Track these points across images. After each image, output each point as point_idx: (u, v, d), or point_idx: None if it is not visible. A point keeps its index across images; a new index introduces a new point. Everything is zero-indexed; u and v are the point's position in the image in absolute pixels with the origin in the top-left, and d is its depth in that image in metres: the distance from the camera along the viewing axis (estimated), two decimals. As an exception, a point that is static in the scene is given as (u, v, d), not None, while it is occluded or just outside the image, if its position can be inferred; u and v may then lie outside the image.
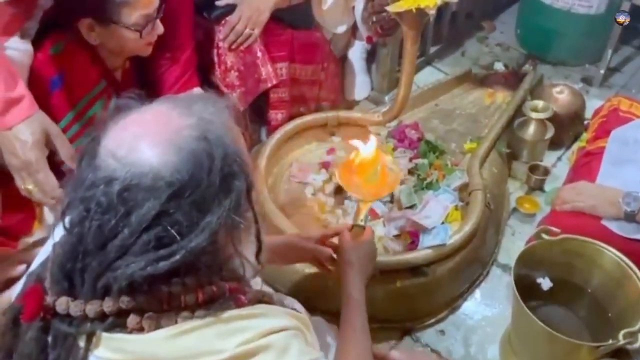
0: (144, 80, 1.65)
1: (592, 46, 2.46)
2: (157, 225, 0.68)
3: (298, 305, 1.21)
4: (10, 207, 1.42)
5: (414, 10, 1.54)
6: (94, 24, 1.38)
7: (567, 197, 1.52)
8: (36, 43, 1.38)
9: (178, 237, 0.68)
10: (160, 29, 1.46)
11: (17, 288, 0.86)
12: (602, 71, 2.37)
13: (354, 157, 1.30)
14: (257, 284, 1.17)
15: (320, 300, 1.49)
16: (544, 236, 1.39)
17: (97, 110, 1.43)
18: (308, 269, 1.50)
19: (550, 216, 1.57)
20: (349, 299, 1.14)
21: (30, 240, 1.48)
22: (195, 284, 0.72)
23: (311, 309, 1.23)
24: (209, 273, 0.73)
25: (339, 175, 1.34)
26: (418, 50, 1.83)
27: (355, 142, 1.32)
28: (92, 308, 0.69)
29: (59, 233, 0.77)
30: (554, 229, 1.39)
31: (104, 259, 0.68)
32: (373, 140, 1.31)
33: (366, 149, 1.30)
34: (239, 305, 0.75)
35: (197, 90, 1.70)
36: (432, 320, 1.57)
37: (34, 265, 0.84)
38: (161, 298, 0.70)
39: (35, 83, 1.35)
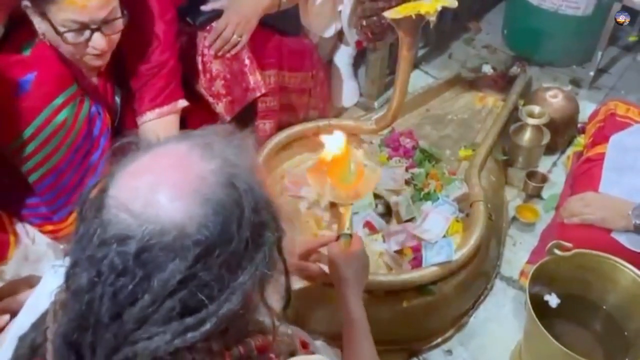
0: (123, 87, 1.54)
1: (580, 47, 2.43)
2: (182, 289, 0.59)
3: (302, 333, 1.14)
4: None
5: (413, 17, 1.47)
6: (29, 6, 1.24)
7: (576, 210, 1.47)
8: (2, 42, 1.27)
9: (207, 302, 0.59)
10: (99, 44, 1.29)
11: (4, 349, 0.76)
12: (591, 73, 2.35)
13: (323, 156, 1.16)
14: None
15: (318, 320, 1.42)
16: (556, 251, 1.34)
17: (67, 114, 1.31)
18: (299, 285, 1.38)
19: (558, 228, 1.53)
20: (351, 322, 1.07)
21: (5, 269, 1.37)
22: (222, 347, 0.63)
23: (308, 330, 1.16)
24: (237, 333, 0.65)
25: (310, 180, 1.19)
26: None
27: (323, 138, 1.17)
28: None
29: (50, 284, 0.67)
30: (566, 243, 1.34)
31: (120, 331, 0.59)
32: (339, 134, 1.16)
33: (333, 144, 1.14)
34: None
35: (182, 102, 1.60)
36: (439, 340, 1.52)
37: (23, 324, 0.73)
38: None
39: (1, 86, 1.23)
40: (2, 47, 1.27)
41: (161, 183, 0.61)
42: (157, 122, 1.55)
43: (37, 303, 0.81)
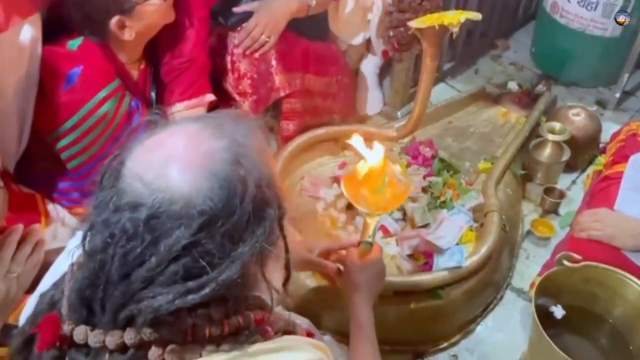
0: (159, 83, 1.62)
1: (607, 69, 2.43)
2: (186, 255, 0.63)
3: (310, 325, 1.17)
4: (14, 206, 1.37)
5: (436, 27, 1.51)
6: (123, 19, 1.37)
7: (585, 224, 1.48)
8: (51, 39, 1.35)
9: (208, 269, 0.63)
10: None
11: (28, 306, 0.81)
12: (617, 94, 2.35)
13: (359, 167, 1.20)
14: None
15: (329, 318, 1.45)
16: (565, 262, 1.35)
17: (109, 107, 1.39)
18: (314, 283, 1.46)
19: (569, 241, 1.53)
20: (358, 327, 1.09)
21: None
22: (222, 315, 0.67)
23: (319, 327, 1.20)
24: (236, 303, 0.69)
25: (343, 186, 1.22)
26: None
27: (361, 148, 1.21)
28: (112, 339, 0.64)
29: (73, 250, 0.72)
30: (576, 255, 1.35)
31: (127, 289, 0.63)
32: (380, 147, 1.20)
33: (373, 157, 1.19)
34: (266, 337, 0.70)
35: (209, 96, 1.67)
36: (445, 344, 1.53)
37: (46, 284, 0.79)
38: (185, 330, 0.65)
39: (49, 77, 1.33)
40: (47, 43, 1.35)
41: (173, 157, 0.65)
42: (185, 113, 1.62)
43: (59, 265, 0.87)
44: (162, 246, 0.62)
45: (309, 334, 1.14)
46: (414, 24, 1.55)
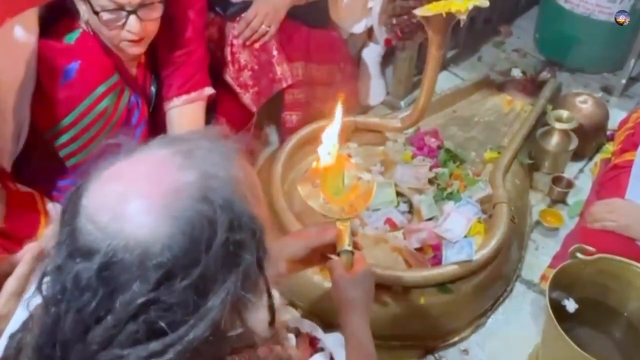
0: (159, 77, 1.57)
1: (612, 55, 2.39)
2: (145, 312, 0.56)
3: (314, 328, 1.13)
4: (14, 207, 1.34)
5: (443, 15, 1.47)
6: None
7: (600, 215, 1.46)
8: (45, 30, 1.31)
9: (170, 330, 0.56)
10: (134, 28, 1.29)
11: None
12: (623, 80, 2.31)
13: (315, 166, 1.05)
14: (275, 299, 1.09)
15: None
16: (579, 255, 1.33)
17: (108, 103, 1.35)
18: (323, 281, 1.43)
19: (581, 233, 1.51)
20: (358, 346, 0.97)
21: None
22: None
23: (330, 325, 1.17)
24: (213, 355, 0.61)
25: (301, 192, 1.06)
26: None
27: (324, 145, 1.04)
28: None
29: (29, 298, 0.65)
30: (589, 248, 1.33)
31: (85, 351, 0.57)
32: (331, 141, 1.04)
33: (324, 153, 1.03)
34: None
35: (209, 90, 1.63)
36: (456, 339, 1.50)
37: (18, 319, 0.72)
38: None
39: (46, 72, 1.28)
40: (44, 35, 1.30)
41: (131, 194, 0.58)
42: (184, 108, 1.57)
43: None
44: (117, 302, 0.56)
45: (312, 341, 1.11)
46: (419, 11, 1.51)
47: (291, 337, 1.00)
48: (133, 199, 0.58)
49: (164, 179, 0.59)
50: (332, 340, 1.10)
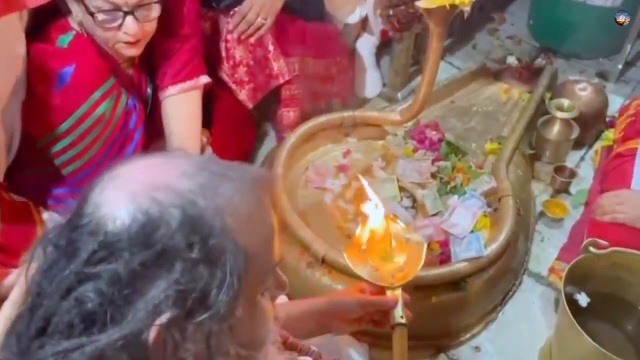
0: (154, 77, 1.52)
1: (608, 40, 2.38)
2: (76, 289, 0.53)
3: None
4: (7, 217, 1.28)
5: (447, 7, 1.43)
6: None
7: (608, 207, 1.44)
8: (38, 34, 1.25)
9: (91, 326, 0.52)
10: (131, 29, 1.25)
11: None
12: (619, 66, 2.30)
13: (359, 235, 0.98)
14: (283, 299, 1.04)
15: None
16: (591, 249, 1.31)
17: (105, 108, 1.30)
18: (330, 282, 1.40)
19: (590, 225, 1.49)
20: None
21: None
22: None
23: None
24: None
25: (348, 260, 0.97)
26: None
27: (370, 192, 1.00)
28: None
29: None
30: (602, 241, 1.31)
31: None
32: (378, 205, 0.97)
33: (373, 218, 0.96)
34: None
35: (204, 78, 1.58)
36: (467, 336, 1.48)
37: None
38: None
39: (39, 78, 1.22)
40: (36, 38, 1.25)
41: (125, 185, 0.57)
42: (179, 97, 1.52)
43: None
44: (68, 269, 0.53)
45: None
46: (422, 3, 1.46)
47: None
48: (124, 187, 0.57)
49: (160, 175, 0.57)
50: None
